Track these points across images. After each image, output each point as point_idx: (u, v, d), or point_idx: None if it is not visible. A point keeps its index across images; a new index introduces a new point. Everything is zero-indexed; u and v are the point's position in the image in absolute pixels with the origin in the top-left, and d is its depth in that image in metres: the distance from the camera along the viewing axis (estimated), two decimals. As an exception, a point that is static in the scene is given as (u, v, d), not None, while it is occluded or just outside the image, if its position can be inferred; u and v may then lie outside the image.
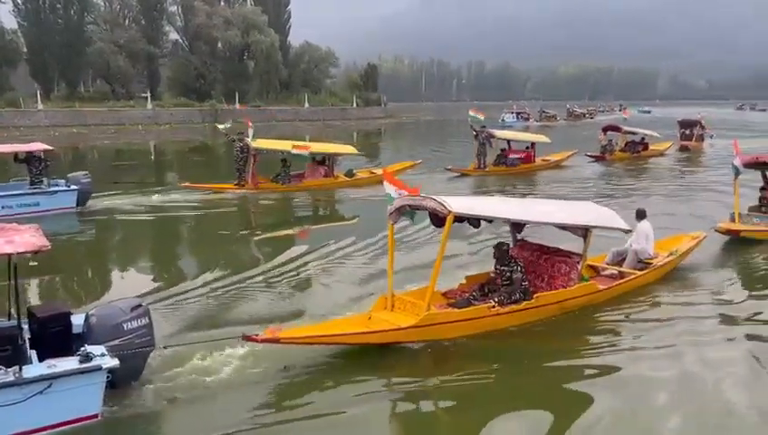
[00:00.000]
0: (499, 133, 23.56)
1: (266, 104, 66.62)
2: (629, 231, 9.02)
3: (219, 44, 67.73)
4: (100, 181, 17.64)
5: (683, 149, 32.06)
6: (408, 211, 7.59)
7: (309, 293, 9.41)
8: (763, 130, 50.47)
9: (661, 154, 29.84)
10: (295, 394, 6.21)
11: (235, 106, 62.08)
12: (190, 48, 68.32)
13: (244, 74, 68.81)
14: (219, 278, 9.86)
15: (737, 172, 12.32)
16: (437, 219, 7.44)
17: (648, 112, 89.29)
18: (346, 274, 10.26)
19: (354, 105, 74.75)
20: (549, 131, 48.91)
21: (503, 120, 60.10)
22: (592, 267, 9.48)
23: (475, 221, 7.74)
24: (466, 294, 7.92)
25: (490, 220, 8.03)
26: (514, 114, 63.95)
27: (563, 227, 8.53)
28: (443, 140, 41.68)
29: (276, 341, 6.37)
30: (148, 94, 60.98)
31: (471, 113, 24.91)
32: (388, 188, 7.95)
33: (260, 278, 9.92)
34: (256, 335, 6.31)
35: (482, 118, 24.33)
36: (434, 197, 7.33)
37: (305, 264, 10.82)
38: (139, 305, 6.11)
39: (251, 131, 19.73)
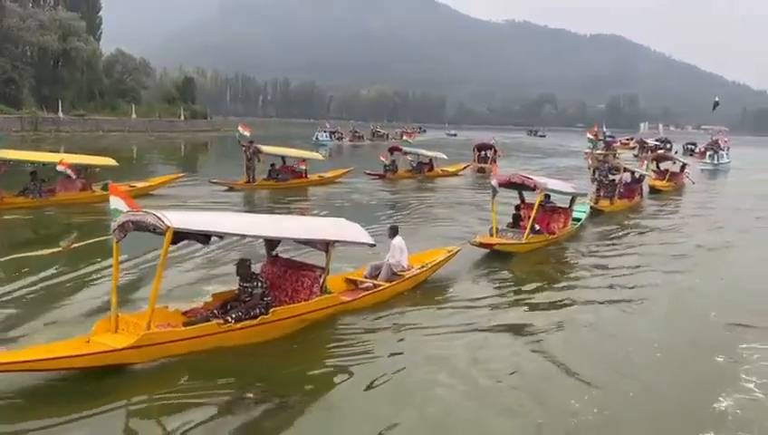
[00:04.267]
0: (266, 148, 23.53)
1: (90, 113, 62.41)
2: (374, 245, 9.35)
3: (28, 49, 62.01)
4: None
5: (480, 171, 33.63)
6: (131, 228, 6.99)
7: (44, 316, 8.29)
8: (546, 153, 59.68)
9: (453, 175, 31.07)
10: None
11: (59, 115, 57.92)
12: (-6, 50, 60.81)
13: (60, 81, 63.21)
14: None
15: (494, 192, 13.55)
16: (176, 235, 6.93)
17: (455, 135, 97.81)
18: (94, 295, 9.23)
19: (182, 117, 73.75)
20: (357, 150, 51.28)
21: (317, 138, 60.96)
22: (352, 281, 9.82)
23: (202, 237, 7.36)
24: (207, 312, 7.63)
25: (220, 236, 7.72)
26: (328, 133, 64.81)
27: (304, 242, 8.73)
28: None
29: None
30: None
31: (239, 129, 25.02)
32: (116, 203, 7.31)
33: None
34: None
35: (248, 134, 24.39)
36: (154, 211, 6.90)
37: (49, 286, 9.62)
38: None
39: None
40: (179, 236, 6.91)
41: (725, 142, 46.73)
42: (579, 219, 16.16)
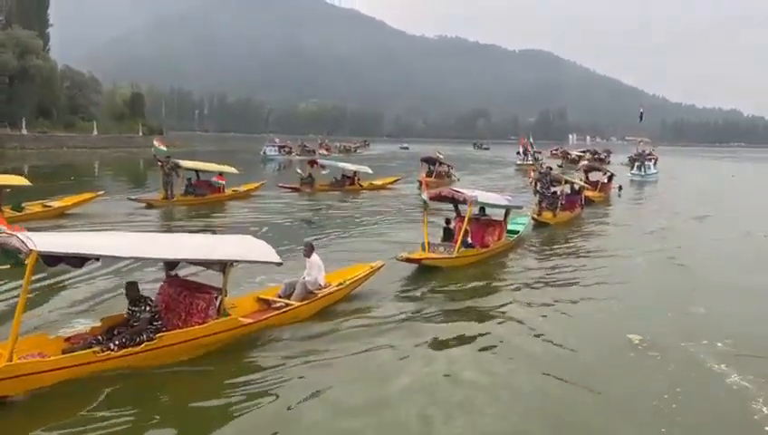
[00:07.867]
0: (184, 163, 23.32)
1: (50, 130, 63.19)
2: (280, 263, 8.73)
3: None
4: None
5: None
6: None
7: None
8: (495, 163, 62.72)
9: (381, 188, 30.45)
10: None
11: (23, 132, 58.67)
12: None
13: (17, 98, 62.28)
14: None
15: (426, 205, 13.13)
16: (49, 259, 6.40)
17: (407, 148, 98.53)
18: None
19: (140, 133, 76.74)
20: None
21: (264, 152, 59.68)
22: (265, 300, 9.22)
23: (76, 260, 6.69)
24: (91, 338, 7.08)
25: (96, 258, 6.96)
26: (276, 147, 63.52)
27: (197, 263, 8.31)
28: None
29: None
30: None
31: (155, 144, 24.52)
32: None
33: None
34: None
35: (164, 148, 24.13)
36: (18, 234, 6.39)
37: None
38: None
39: None
40: (53, 259, 6.37)
41: (653, 154, 48.38)
42: (516, 232, 15.94)
